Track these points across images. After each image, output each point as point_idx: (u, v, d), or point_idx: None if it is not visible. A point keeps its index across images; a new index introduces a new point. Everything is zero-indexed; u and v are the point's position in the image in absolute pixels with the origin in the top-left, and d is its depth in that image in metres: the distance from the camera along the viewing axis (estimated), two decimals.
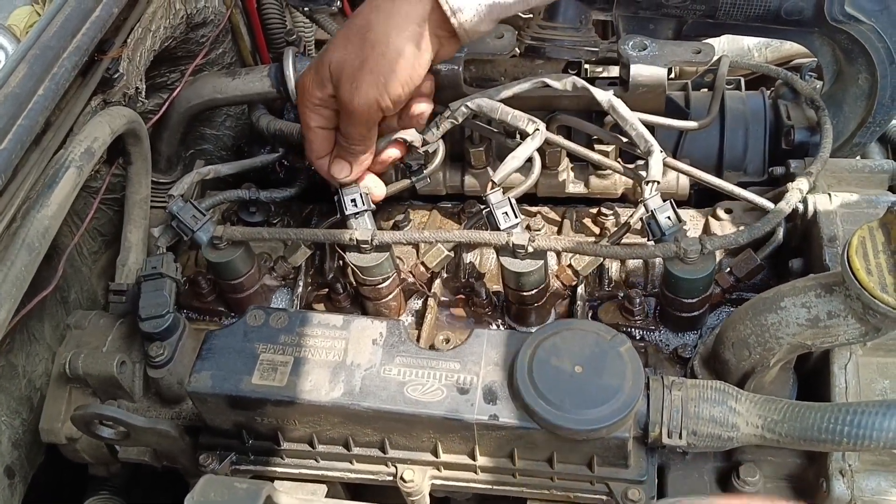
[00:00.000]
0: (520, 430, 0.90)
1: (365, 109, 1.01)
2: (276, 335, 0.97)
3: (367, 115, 1.02)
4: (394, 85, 1.00)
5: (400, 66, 0.99)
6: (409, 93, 1.03)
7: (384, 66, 0.99)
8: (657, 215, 1.03)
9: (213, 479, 0.79)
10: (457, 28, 0.99)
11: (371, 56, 0.99)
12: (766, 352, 0.92)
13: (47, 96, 0.96)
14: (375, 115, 1.03)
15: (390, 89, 1.00)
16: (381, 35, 0.99)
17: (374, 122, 1.05)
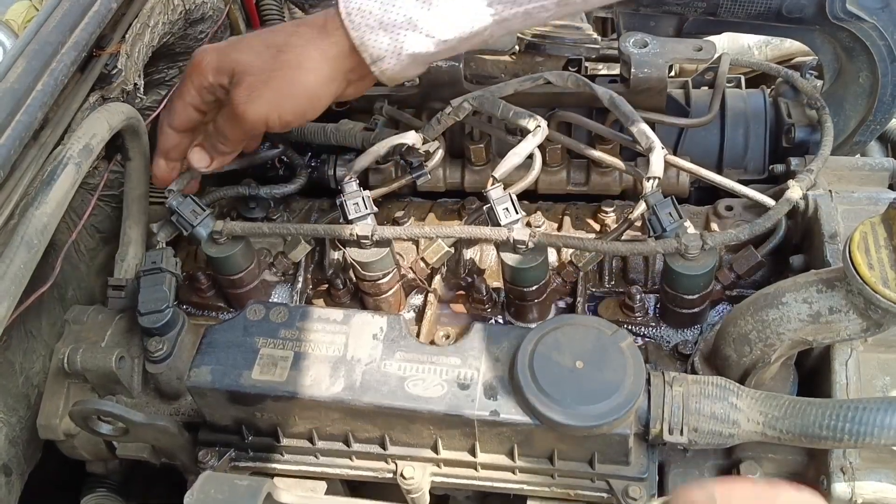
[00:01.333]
0: (521, 426, 0.90)
1: (253, 120, 1.01)
2: (276, 330, 0.97)
3: (251, 126, 1.02)
4: (288, 111, 1.01)
5: (300, 97, 1.00)
6: (299, 123, 1.05)
7: (287, 90, 0.99)
8: (658, 211, 1.03)
9: (213, 476, 0.79)
10: (378, 76, 1.00)
11: (278, 76, 0.99)
12: (767, 347, 0.92)
13: (45, 92, 0.95)
14: (259, 129, 1.04)
15: (283, 113, 1.01)
16: (294, 60, 0.99)
17: (254, 134, 1.06)
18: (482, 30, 0.96)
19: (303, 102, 1.01)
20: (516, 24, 0.97)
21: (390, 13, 0.94)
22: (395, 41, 0.95)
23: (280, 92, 0.99)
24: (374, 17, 0.94)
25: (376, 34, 0.95)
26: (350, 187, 1.12)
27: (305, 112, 1.02)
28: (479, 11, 0.93)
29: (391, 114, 1.28)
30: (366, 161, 1.18)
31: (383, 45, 0.96)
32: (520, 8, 0.94)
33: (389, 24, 0.94)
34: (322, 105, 1.02)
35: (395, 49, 0.96)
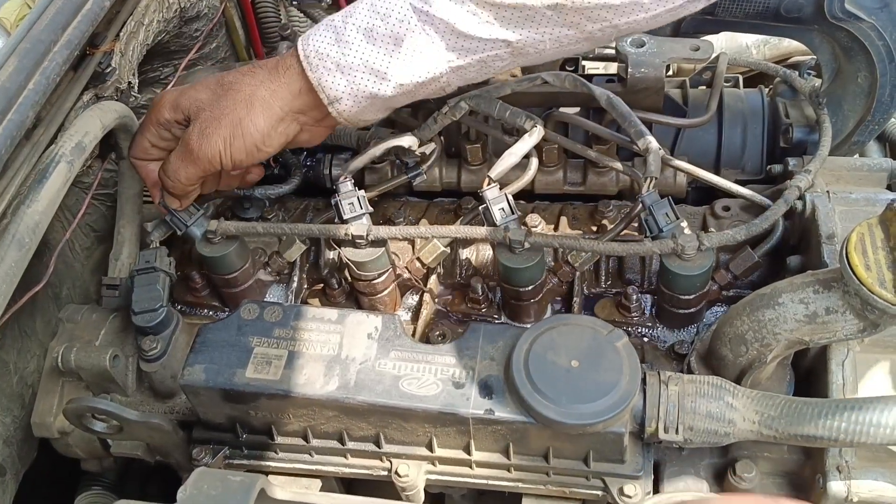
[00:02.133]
0: (515, 424, 0.90)
1: (206, 159, 1.02)
2: (270, 329, 0.97)
3: (205, 165, 1.03)
4: (238, 149, 1.01)
5: (250, 136, 1.01)
6: (251, 163, 1.05)
7: (237, 129, 1.00)
8: (654, 212, 1.03)
9: (207, 472, 0.78)
10: (336, 116, 1.01)
11: (230, 115, 1.00)
12: (763, 348, 0.92)
13: (38, 91, 0.95)
14: (212, 168, 1.03)
15: (234, 152, 1.01)
16: (247, 100, 1.00)
17: (207, 173, 1.05)
18: (438, 76, 0.97)
19: (253, 142, 1.01)
20: (472, 73, 0.99)
21: (347, 56, 0.96)
22: (352, 83, 0.97)
23: (231, 130, 1.00)
24: (331, 59, 0.97)
25: (333, 76, 0.97)
26: (345, 187, 1.11)
27: (256, 151, 1.02)
28: (435, 58, 0.95)
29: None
30: (361, 162, 1.18)
31: (340, 87, 0.98)
32: (475, 56, 0.96)
33: (346, 66, 0.97)
34: (273, 145, 1.03)
35: (352, 91, 0.98)
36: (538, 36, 0.94)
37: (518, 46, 0.95)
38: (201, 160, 1.02)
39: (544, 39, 0.95)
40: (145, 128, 1.08)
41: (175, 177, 1.05)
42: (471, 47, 0.95)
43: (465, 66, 0.97)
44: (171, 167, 1.05)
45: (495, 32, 0.94)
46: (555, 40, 0.95)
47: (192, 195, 1.10)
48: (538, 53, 0.97)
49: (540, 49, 0.96)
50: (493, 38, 0.94)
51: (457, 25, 0.93)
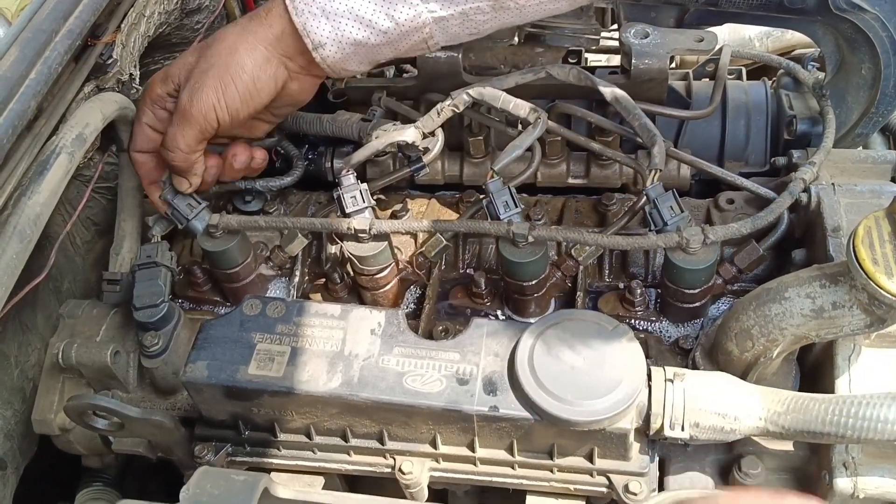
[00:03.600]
0: (520, 421, 0.89)
1: (201, 114, 1.00)
2: (272, 325, 0.96)
3: (201, 122, 1.01)
4: (231, 96, 1.00)
5: (240, 79, 1.00)
6: (247, 112, 1.03)
7: (226, 75, 1.00)
8: (659, 205, 1.02)
9: (209, 471, 0.78)
10: (320, 63, 1.01)
11: (217, 64, 1.00)
12: (769, 343, 0.91)
13: (39, 80, 0.94)
14: (209, 125, 1.02)
15: (228, 101, 1.00)
16: (230, 47, 1.00)
17: (206, 133, 1.03)
18: (421, 26, 0.99)
19: (245, 85, 1.00)
20: (455, 26, 1.00)
21: (333, 2, 0.97)
22: (337, 29, 0.98)
23: (220, 79, 0.99)
24: (316, 4, 0.98)
25: (318, 20, 0.98)
26: (347, 180, 1.10)
27: (249, 97, 1.01)
28: (417, 7, 0.97)
29: (389, 105, 1.26)
30: (363, 155, 1.17)
31: (325, 32, 0.99)
32: (457, 8, 0.98)
33: (332, 12, 0.97)
34: (265, 89, 1.02)
35: (337, 36, 0.99)
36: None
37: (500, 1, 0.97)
38: (196, 117, 1.01)
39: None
40: (141, 112, 1.07)
41: (174, 144, 1.03)
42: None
43: (448, 17, 0.99)
44: (169, 136, 1.03)
45: None
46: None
47: (197, 169, 1.07)
48: (518, 9, 0.99)
49: (521, 4, 0.98)
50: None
51: None
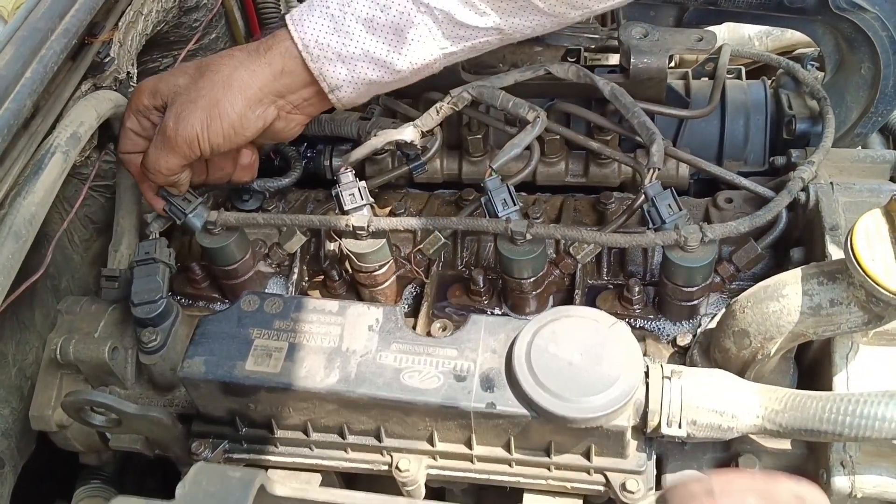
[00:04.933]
0: (517, 418, 0.89)
1: (184, 143, 1.00)
2: (270, 320, 0.96)
3: (183, 150, 1.01)
4: (216, 132, 1.00)
5: (227, 117, 0.99)
6: (228, 147, 1.03)
7: (214, 109, 0.99)
8: (657, 203, 1.02)
9: (206, 467, 0.78)
10: (335, 103, 1.03)
11: (207, 96, 0.99)
12: (766, 340, 0.91)
13: (35, 79, 0.94)
14: (191, 153, 1.02)
15: (211, 135, 1.00)
16: (225, 81, 1.00)
17: (188, 159, 1.03)
18: (432, 62, 1.01)
19: (230, 123, 1.00)
20: (461, 56, 1.04)
21: (348, 47, 0.98)
22: (353, 72, 0.99)
23: (208, 112, 0.99)
24: (332, 49, 0.98)
25: (334, 65, 0.99)
26: (346, 178, 1.10)
27: (233, 135, 1.01)
28: (431, 47, 0.99)
29: (388, 104, 1.26)
30: (362, 153, 1.17)
31: (341, 75, 1.00)
32: (468, 43, 1.00)
33: (347, 56, 0.98)
34: (250, 129, 1.01)
35: (353, 79, 1.00)
36: (527, 23, 0.99)
37: (508, 33, 1.01)
38: (179, 145, 1.00)
39: (532, 25, 1.00)
40: (127, 117, 1.07)
41: (155, 167, 1.03)
42: (465, 35, 0.99)
43: (458, 51, 1.01)
44: (150, 157, 1.03)
45: (490, 21, 0.98)
46: (539, 25, 1.00)
47: (181, 185, 1.08)
48: (522, 38, 1.03)
49: (525, 34, 1.02)
50: (487, 27, 0.98)
51: (455, 15, 0.96)
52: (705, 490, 0.59)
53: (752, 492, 0.58)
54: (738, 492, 0.58)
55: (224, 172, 1.12)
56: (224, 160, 1.11)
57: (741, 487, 0.59)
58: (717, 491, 0.59)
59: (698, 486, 0.60)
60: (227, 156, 1.10)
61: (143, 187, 1.11)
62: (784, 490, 0.58)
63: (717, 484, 0.59)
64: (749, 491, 0.58)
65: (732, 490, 0.59)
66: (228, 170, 1.12)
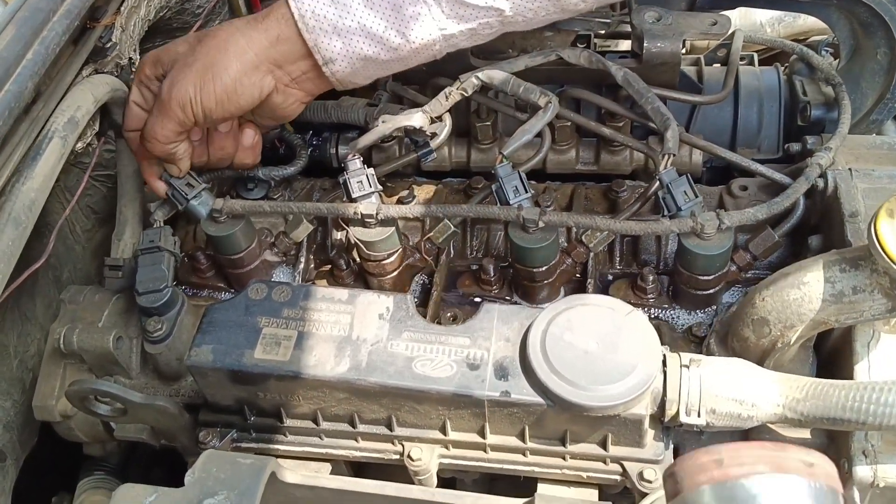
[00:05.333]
0: (532, 407, 0.87)
1: (177, 106, 0.99)
2: (278, 309, 0.94)
3: (177, 114, 1.00)
4: (209, 95, 0.99)
5: (220, 80, 0.98)
6: (222, 114, 1.01)
7: (208, 73, 0.98)
8: (673, 189, 1.00)
9: (215, 454, 0.76)
10: (329, 77, 1.01)
11: (202, 59, 0.99)
12: (787, 329, 0.89)
13: (37, 61, 0.92)
14: (185, 118, 1.00)
15: (203, 97, 0.99)
16: (221, 45, 0.99)
17: (184, 125, 1.01)
18: (431, 43, 0.98)
19: (224, 87, 0.98)
20: (462, 40, 1.01)
21: (345, 20, 0.96)
22: (348, 45, 0.97)
23: (201, 75, 0.98)
24: (328, 21, 0.96)
25: (329, 38, 0.97)
26: (353, 165, 1.08)
27: (226, 99, 0.99)
28: (430, 26, 0.97)
29: (395, 90, 1.24)
30: (370, 139, 1.15)
31: (336, 48, 0.98)
32: (468, 25, 0.98)
33: (343, 29, 0.96)
34: (244, 95, 1.00)
35: (348, 53, 0.98)
36: (529, 5, 0.97)
37: (509, 16, 0.98)
38: (172, 108, 0.99)
39: (534, 8, 0.97)
40: (131, 91, 1.06)
41: (150, 133, 1.02)
42: (466, 15, 0.97)
43: (458, 34, 0.98)
44: (148, 125, 1.03)
45: (491, 0, 0.95)
46: (543, 9, 0.97)
47: (181, 155, 1.06)
48: (525, 22, 1.00)
49: (528, 18, 0.99)
50: (489, 6, 0.96)
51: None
52: (714, 461, 0.58)
53: (761, 460, 0.57)
54: (747, 461, 0.57)
55: (225, 153, 1.10)
56: (225, 139, 1.09)
57: (751, 456, 0.57)
58: (727, 461, 0.57)
59: (707, 456, 0.58)
60: (227, 135, 1.08)
61: (144, 168, 1.10)
62: (793, 458, 0.57)
63: (726, 453, 0.58)
64: (759, 459, 0.57)
65: (742, 459, 0.57)
66: (229, 150, 1.10)
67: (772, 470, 0.56)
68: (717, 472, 0.57)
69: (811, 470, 0.57)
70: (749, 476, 0.56)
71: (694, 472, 0.58)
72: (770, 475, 0.56)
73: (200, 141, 1.08)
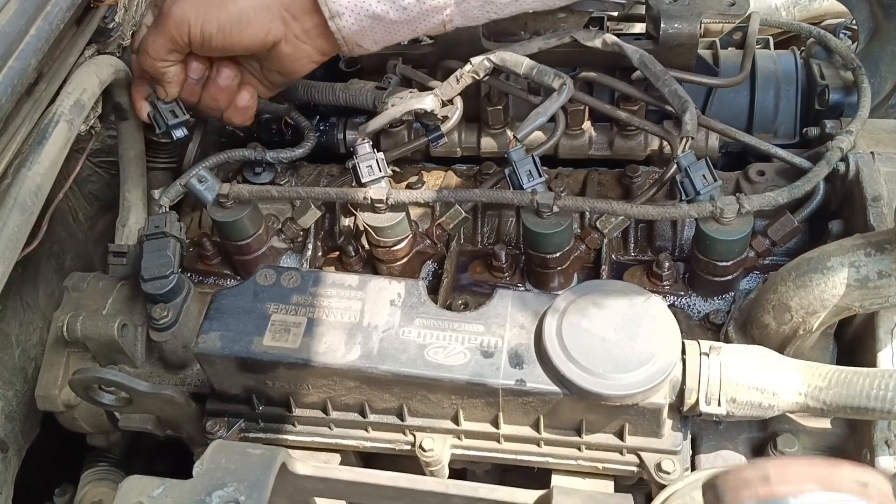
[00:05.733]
0: (548, 395, 0.85)
1: (175, 24, 0.97)
2: (287, 295, 0.92)
3: (172, 30, 0.98)
4: (212, 20, 0.97)
5: (226, 9, 0.97)
6: (221, 43, 0.99)
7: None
8: (691, 173, 0.98)
9: (224, 445, 0.74)
10: (335, 33, 0.98)
11: None
12: (809, 315, 0.87)
13: (40, 37, 0.90)
14: (179, 36, 0.98)
15: (206, 22, 0.97)
16: None
17: (176, 44, 1.00)
18: (442, 7, 0.96)
19: (230, 16, 0.97)
20: (474, 9, 0.99)
21: None
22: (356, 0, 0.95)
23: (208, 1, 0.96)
24: None
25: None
26: (363, 149, 1.06)
27: (230, 29, 0.97)
28: None
29: (405, 73, 1.21)
30: (380, 122, 1.13)
31: (343, 2, 0.95)
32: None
33: None
34: (250, 33, 0.98)
35: (355, 8, 0.96)
36: None
37: None
38: (170, 25, 0.98)
39: None
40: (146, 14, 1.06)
41: (144, 48, 1.01)
42: None
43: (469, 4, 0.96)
44: (143, 39, 1.02)
45: None
46: None
47: (172, 78, 1.04)
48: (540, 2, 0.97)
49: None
50: None
51: None
52: (760, 477, 0.55)
53: (811, 478, 0.54)
54: (796, 479, 0.54)
55: (216, 105, 1.08)
56: (221, 92, 1.07)
57: (800, 474, 0.54)
58: (774, 478, 0.54)
59: (753, 472, 0.55)
60: (224, 90, 1.06)
61: (135, 87, 1.09)
62: (846, 477, 0.54)
63: (773, 469, 0.55)
64: (808, 478, 0.54)
65: (790, 477, 0.54)
66: (222, 104, 1.08)
67: (823, 488, 0.53)
68: (763, 489, 0.55)
69: (865, 490, 0.54)
70: (798, 495, 0.53)
71: (737, 486, 0.55)
72: (821, 493, 0.53)
73: (198, 80, 1.06)
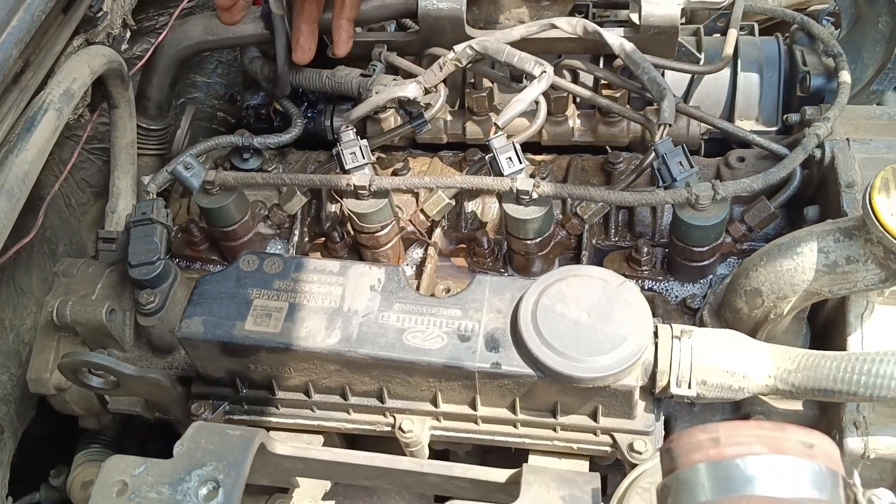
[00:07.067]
0: (523, 378, 0.87)
1: None
2: (270, 280, 0.94)
3: None
4: None
5: None
6: None
7: None
8: (668, 160, 0.99)
9: (204, 426, 0.76)
10: None
11: None
12: (780, 299, 0.89)
13: (22, 28, 0.90)
14: None
15: None
16: None
17: None
18: None
19: None
20: None
21: None
22: None
23: None
24: None
25: None
26: (347, 136, 1.08)
27: None
28: None
29: (390, 60, 1.22)
30: (363, 110, 1.14)
31: None
32: None
33: None
34: None
35: None
36: None
37: None
38: None
39: None
40: None
41: None
42: None
43: None
44: None
45: None
46: None
47: None
48: None
49: None
50: None
51: None
52: (711, 439, 0.56)
53: (759, 440, 0.55)
54: (745, 440, 0.56)
55: None
56: None
57: (749, 436, 0.56)
58: (724, 439, 0.56)
59: (703, 434, 0.57)
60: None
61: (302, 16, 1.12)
62: (792, 438, 0.55)
63: (724, 432, 0.56)
64: (757, 439, 0.56)
65: (739, 438, 0.56)
66: None
67: (770, 451, 0.55)
68: (714, 450, 0.56)
69: (811, 451, 0.55)
70: (746, 456, 0.55)
71: (690, 449, 0.57)
72: (768, 456, 0.55)
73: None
